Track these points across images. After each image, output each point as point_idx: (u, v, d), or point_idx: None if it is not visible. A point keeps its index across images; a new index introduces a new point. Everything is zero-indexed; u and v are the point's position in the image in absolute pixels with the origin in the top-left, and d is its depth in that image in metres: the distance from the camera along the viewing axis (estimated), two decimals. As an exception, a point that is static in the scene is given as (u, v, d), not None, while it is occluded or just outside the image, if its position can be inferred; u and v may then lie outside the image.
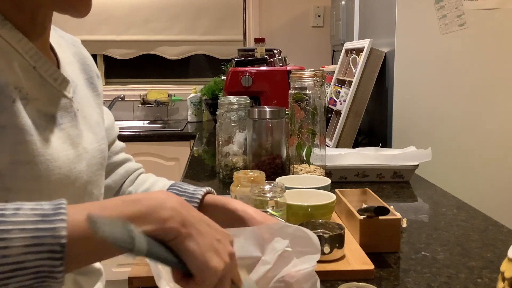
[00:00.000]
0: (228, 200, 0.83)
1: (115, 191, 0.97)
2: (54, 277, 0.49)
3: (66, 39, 0.87)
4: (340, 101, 1.89)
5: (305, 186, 1.12)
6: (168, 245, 0.54)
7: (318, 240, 0.70)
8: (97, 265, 0.88)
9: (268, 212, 0.91)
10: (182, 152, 2.81)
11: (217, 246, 0.57)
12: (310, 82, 1.33)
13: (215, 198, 0.85)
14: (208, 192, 0.86)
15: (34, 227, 0.48)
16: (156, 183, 0.95)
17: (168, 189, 0.89)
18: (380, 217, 0.94)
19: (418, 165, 1.46)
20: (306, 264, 0.68)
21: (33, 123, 0.66)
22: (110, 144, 0.97)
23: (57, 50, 0.79)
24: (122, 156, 0.99)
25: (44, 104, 0.70)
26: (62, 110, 0.74)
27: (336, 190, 1.14)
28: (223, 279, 0.56)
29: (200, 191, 0.85)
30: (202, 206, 0.84)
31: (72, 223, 0.50)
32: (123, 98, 3.29)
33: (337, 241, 0.87)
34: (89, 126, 0.81)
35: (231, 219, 0.79)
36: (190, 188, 0.87)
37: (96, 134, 0.83)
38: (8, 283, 0.47)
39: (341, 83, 2.04)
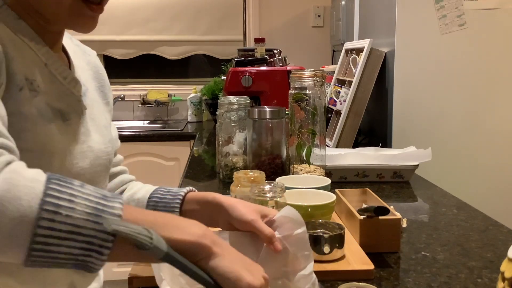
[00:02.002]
0: (208, 193, 0.84)
1: None
2: (101, 252, 0.52)
3: (81, 48, 0.92)
4: (340, 101, 1.89)
5: (305, 186, 1.12)
6: (198, 264, 0.57)
7: (299, 215, 0.71)
8: None
9: None
10: (182, 152, 2.81)
11: (250, 267, 0.59)
12: (310, 82, 1.33)
13: (196, 193, 0.88)
14: (190, 191, 0.89)
15: (97, 200, 0.54)
16: (141, 189, 0.96)
17: (152, 192, 0.91)
18: (380, 217, 0.94)
19: (418, 165, 1.46)
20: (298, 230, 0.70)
21: (39, 113, 0.69)
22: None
23: (71, 56, 0.84)
24: (119, 168, 1.02)
25: (53, 99, 0.73)
26: (70, 107, 0.77)
27: (336, 190, 1.14)
28: None
29: (182, 190, 0.88)
30: (185, 202, 0.86)
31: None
32: (123, 98, 3.29)
33: (337, 241, 0.87)
34: (97, 128, 0.84)
35: (211, 208, 0.80)
36: (173, 188, 0.90)
37: (103, 136, 0.86)
38: (61, 244, 0.51)
39: (341, 83, 2.04)
